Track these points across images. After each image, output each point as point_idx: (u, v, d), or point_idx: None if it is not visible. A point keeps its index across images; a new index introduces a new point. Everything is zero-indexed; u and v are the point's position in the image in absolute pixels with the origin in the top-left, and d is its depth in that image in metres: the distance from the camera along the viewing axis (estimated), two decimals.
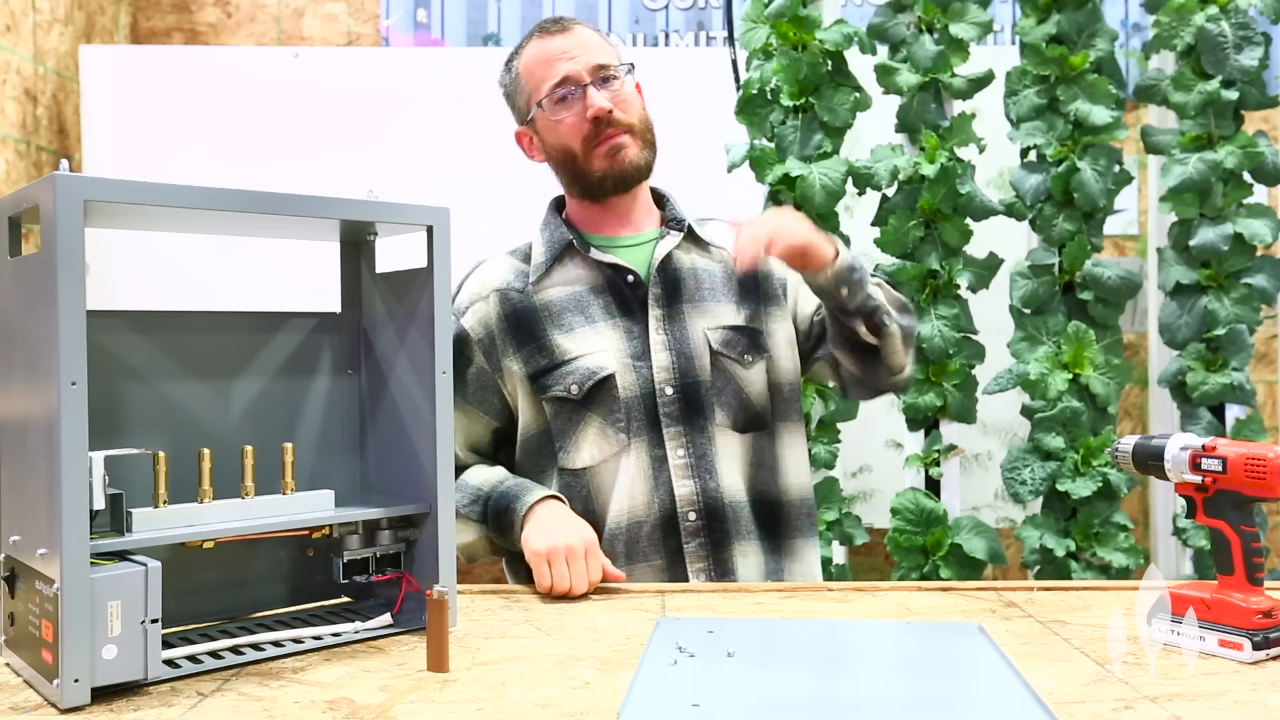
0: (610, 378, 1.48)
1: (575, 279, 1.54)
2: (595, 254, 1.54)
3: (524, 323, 1.52)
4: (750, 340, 1.54)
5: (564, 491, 1.50)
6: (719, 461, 1.49)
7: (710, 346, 1.51)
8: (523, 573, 1.43)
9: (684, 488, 1.47)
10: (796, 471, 1.56)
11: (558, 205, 1.62)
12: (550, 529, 1.36)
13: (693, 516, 1.47)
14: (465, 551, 1.48)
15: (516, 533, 1.39)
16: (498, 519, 1.43)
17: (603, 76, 1.51)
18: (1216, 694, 0.94)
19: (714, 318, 1.53)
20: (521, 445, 1.53)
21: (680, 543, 1.47)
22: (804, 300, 1.61)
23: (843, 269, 1.40)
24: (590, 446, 1.48)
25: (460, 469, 1.53)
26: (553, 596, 1.31)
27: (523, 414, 1.52)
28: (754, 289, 1.58)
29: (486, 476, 1.49)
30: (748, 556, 1.50)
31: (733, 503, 1.49)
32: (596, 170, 1.52)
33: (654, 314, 1.52)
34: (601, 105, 1.49)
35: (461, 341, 1.52)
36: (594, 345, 1.50)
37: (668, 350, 1.50)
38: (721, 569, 1.47)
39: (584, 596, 1.31)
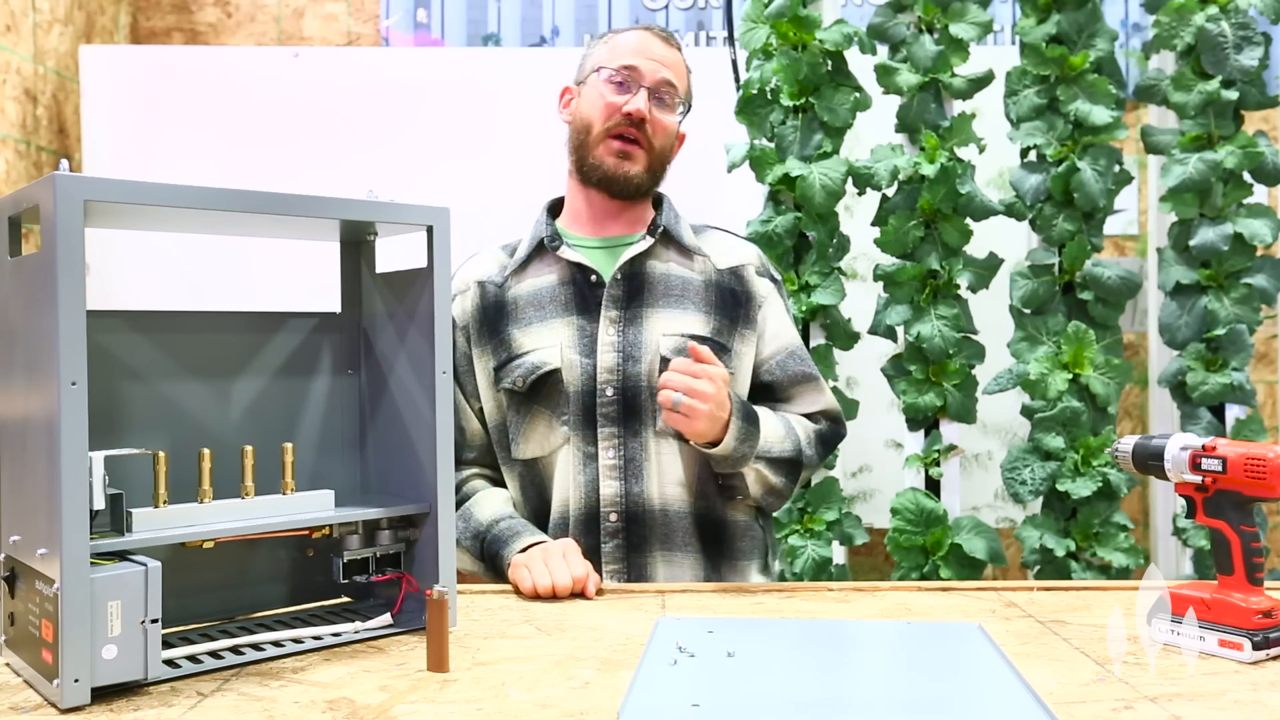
0: (555, 373, 1.50)
1: (545, 276, 1.56)
2: (565, 251, 1.55)
3: (493, 317, 1.56)
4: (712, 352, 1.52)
5: (519, 482, 1.53)
6: (649, 467, 1.49)
7: (661, 353, 1.50)
8: None
9: (609, 488, 1.48)
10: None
11: (551, 208, 1.64)
12: (532, 554, 1.38)
13: (613, 518, 1.48)
14: (467, 573, 1.49)
15: (508, 576, 1.40)
16: (493, 560, 1.45)
17: (662, 95, 1.55)
18: (1216, 694, 0.94)
19: (676, 324, 1.52)
20: (490, 435, 1.56)
21: (599, 541, 1.48)
22: (766, 340, 1.59)
23: (722, 455, 1.45)
24: (538, 439, 1.51)
25: (466, 471, 1.55)
26: (540, 598, 1.31)
27: (486, 404, 1.55)
28: (732, 305, 1.57)
29: (485, 511, 1.49)
30: (680, 566, 1.50)
31: (664, 510, 1.49)
32: (596, 157, 1.55)
33: (608, 314, 1.52)
34: (640, 108, 1.52)
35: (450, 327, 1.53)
36: (544, 340, 1.52)
37: (615, 351, 1.50)
38: (637, 574, 1.48)
39: (583, 596, 1.31)
